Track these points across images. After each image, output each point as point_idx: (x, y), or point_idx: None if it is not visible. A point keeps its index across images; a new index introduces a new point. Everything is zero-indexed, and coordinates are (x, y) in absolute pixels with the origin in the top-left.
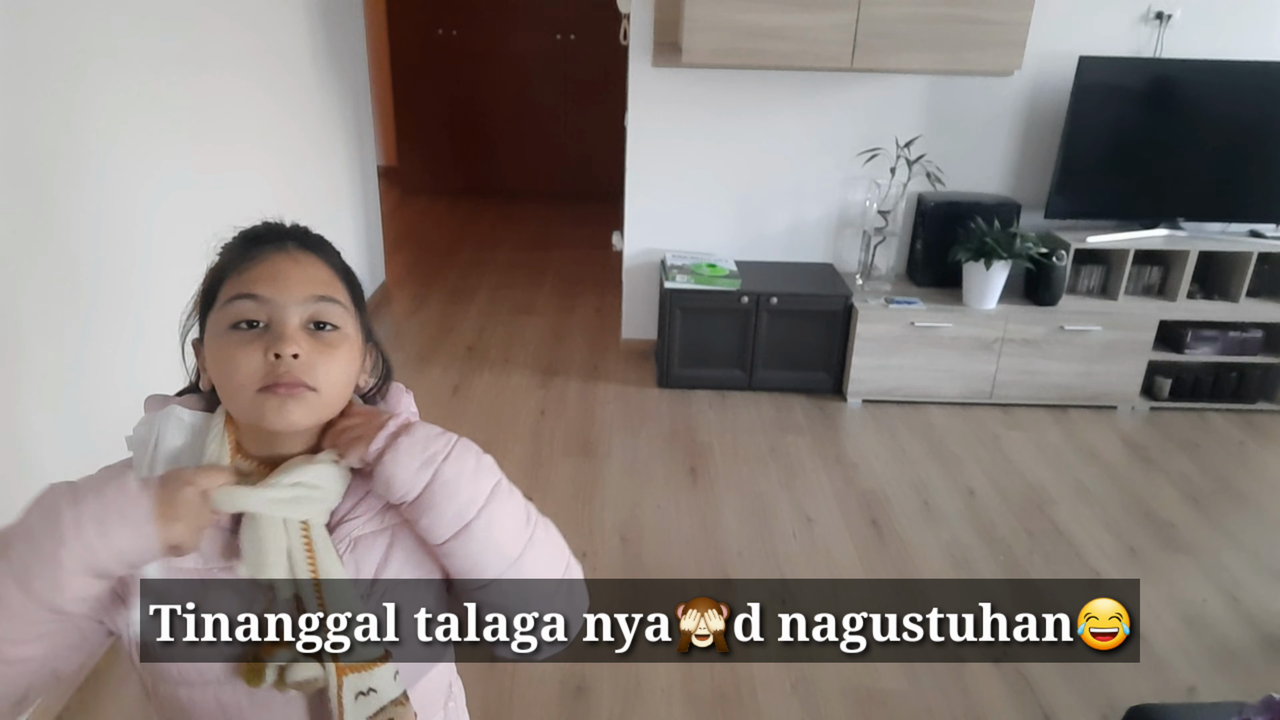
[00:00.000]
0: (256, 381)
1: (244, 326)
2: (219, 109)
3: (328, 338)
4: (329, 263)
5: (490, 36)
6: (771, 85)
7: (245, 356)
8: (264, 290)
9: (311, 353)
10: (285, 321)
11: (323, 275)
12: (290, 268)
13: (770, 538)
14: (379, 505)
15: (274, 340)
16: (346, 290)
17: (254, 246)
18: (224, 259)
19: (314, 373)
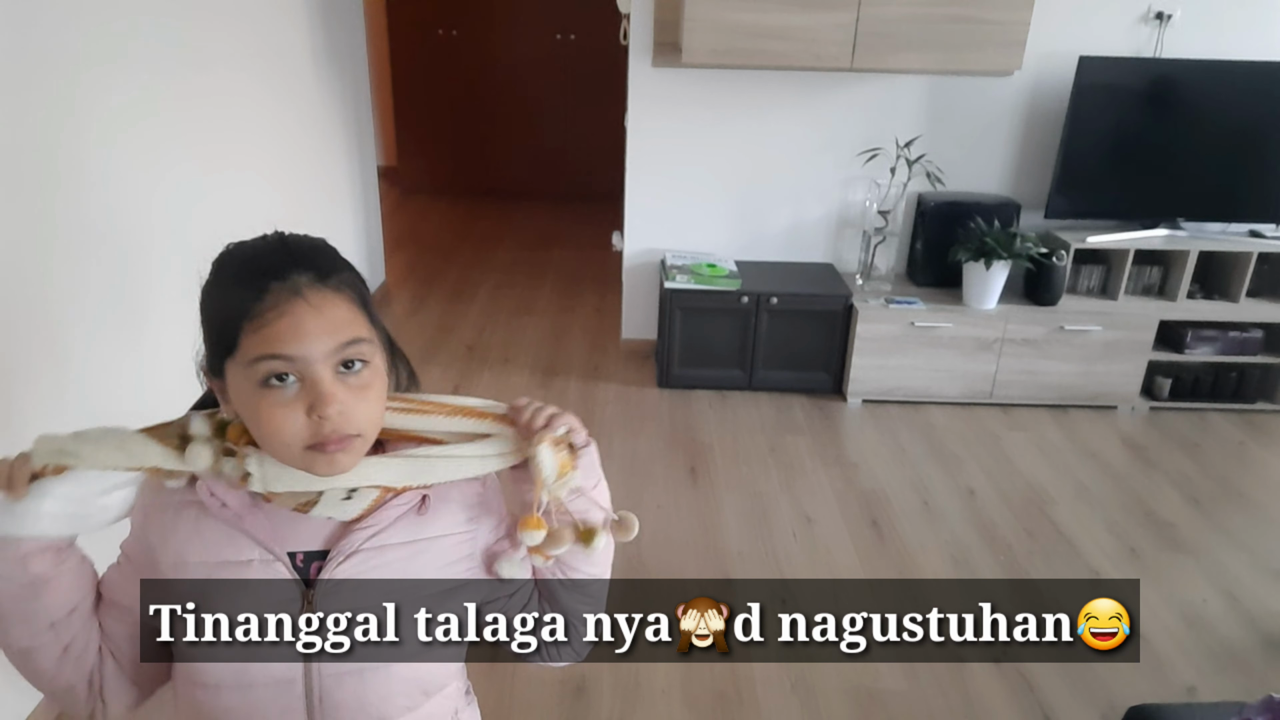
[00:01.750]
0: (302, 441)
1: (275, 382)
2: (218, 109)
3: (360, 378)
4: (344, 294)
5: (490, 36)
6: (771, 85)
7: (286, 419)
8: (290, 349)
9: (349, 401)
10: (320, 379)
11: (343, 314)
12: (312, 319)
13: (770, 538)
14: (410, 505)
15: (313, 400)
16: (364, 313)
17: (262, 285)
18: (233, 300)
19: (355, 420)
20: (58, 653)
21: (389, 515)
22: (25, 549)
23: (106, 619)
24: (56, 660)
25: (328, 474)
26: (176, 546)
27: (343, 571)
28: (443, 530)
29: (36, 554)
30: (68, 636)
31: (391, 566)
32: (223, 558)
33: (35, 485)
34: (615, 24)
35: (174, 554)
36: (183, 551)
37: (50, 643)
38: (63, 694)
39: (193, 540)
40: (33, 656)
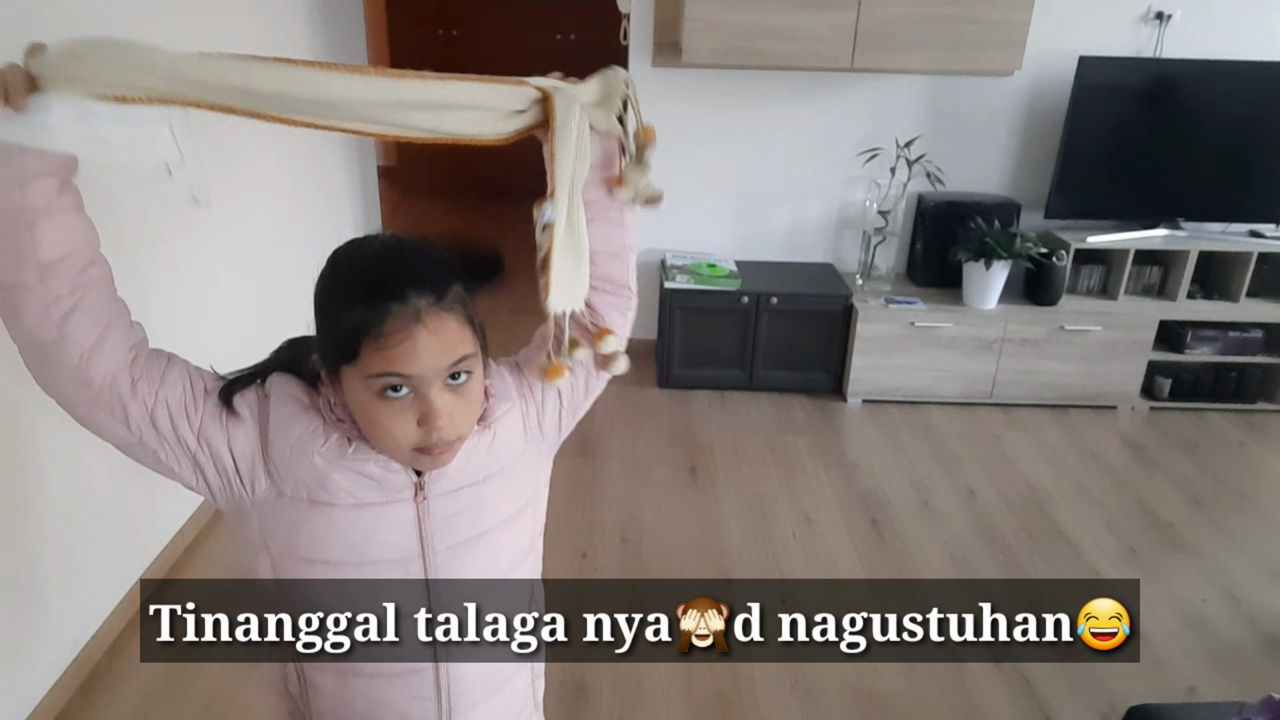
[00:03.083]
0: (411, 444)
1: (390, 394)
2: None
3: (466, 389)
4: (455, 312)
5: (490, 36)
6: (771, 85)
7: (399, 425)
8: (409, 369)
9: (455, 411)
10: (431, 396)
11: (454, 334)
12: (428, 342)
13: (770, 538)
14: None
15: (424, 413)
16: (470, 327)
17: (385, 306)
18: (356, 316)
19: (459, 426)
20: (41, 305)
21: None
22: (26, 168)
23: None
24: (39, 313)
25: (430, 469)
26: (299, 435)
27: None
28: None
29: (37, 178)
30: (55, 289)
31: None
32: (344, 452)
33: (41, 99)
34: (615, 24)
35: (295, 441)
36: (305, 443)
37: (35, 288)
38: (35, 350)
39: (314, 438)
40: (15, 296)
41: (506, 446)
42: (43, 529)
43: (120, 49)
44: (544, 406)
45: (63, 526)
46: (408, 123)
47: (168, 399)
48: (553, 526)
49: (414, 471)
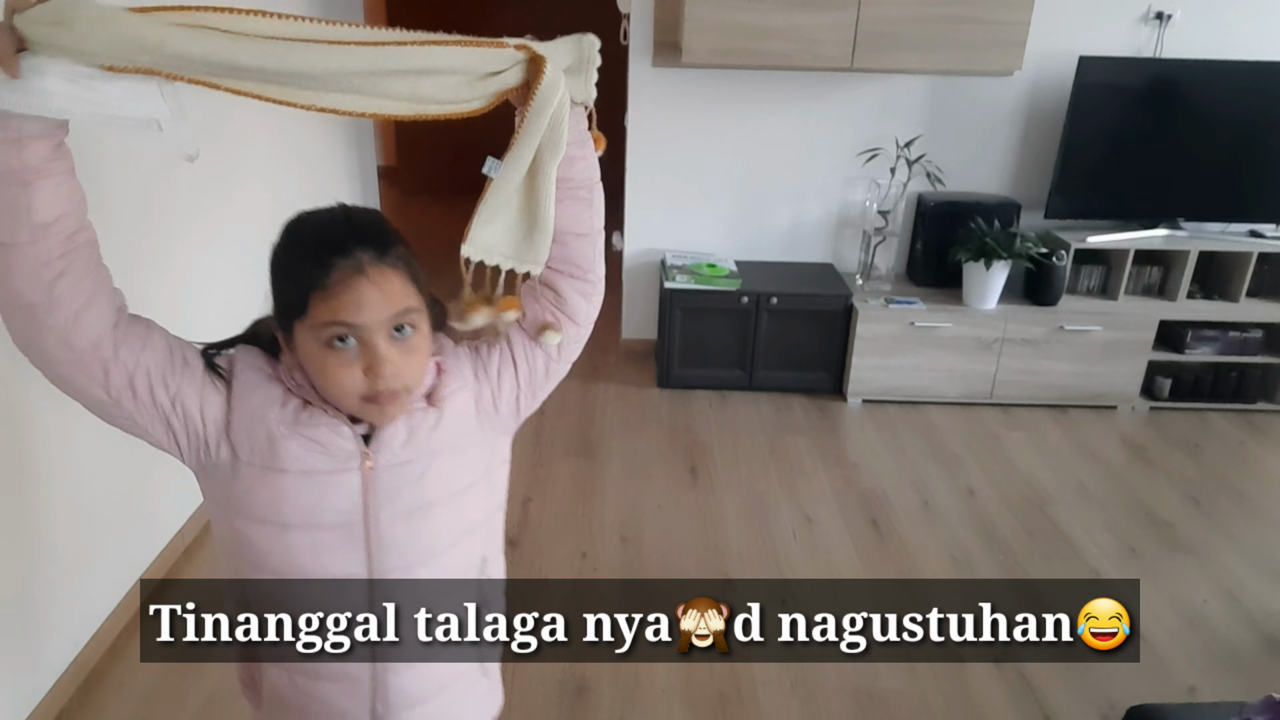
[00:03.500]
0: (358, 392)
1: (338, 344)
2: (218, 109)
3: (410, 342)
4: (399, 268)
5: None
6: (771, 85)
7: (346, 375)
8: (352, 318)
9: (400, 362)
10: (376, 344)
11: (398, 287)
12: (371, 293)
13: (770, 538)
14: (426, 385)
15: (370, 362)
16: (414, 284)
17: (330, 260)
18: (304, 271)
19: (404, 377)
20: (32, 266)
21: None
22: (25, 130)
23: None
24: (30, 274)
25: (379, 423)
26: (259, 404)
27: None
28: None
29: (33, 139)
30: (47, 251)
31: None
32: (300, 426)
33: (31, 61)
34: (615, 24)
35: (254, 407)
36: (263, 410)
37: (27, 248)
38: (21, 310)
39: (272, 405)
40: (8, 255)
41: (455, 425)
42: (43, 529)
43: (109, 21)
44: (499, 388)
45: (63, 527)
46: (388, 90)
47: (149, 364)
48: (553, 526)
49: (361, 440)
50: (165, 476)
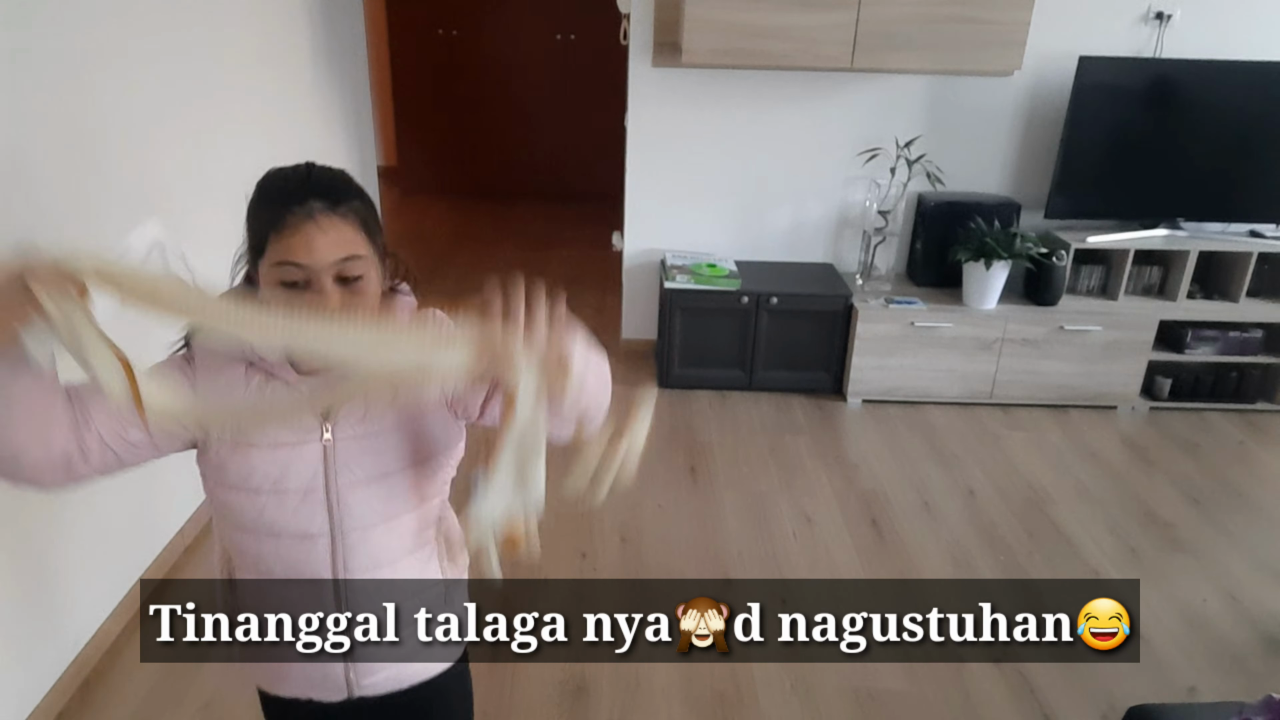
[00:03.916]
0: None
1: (289, 286)
2: (218, 109)
3: (355, 286)
4: (349, 219)
5: (490, 36)
6: (771, 85)
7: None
8: (300, 258)
9: (344, 302)
10: (320, 283)
11: (346, 235)
12: (318, 237)
13: (770, 538)
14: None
15: (314, 298)
16: (364, 235)
17: (286, 207)
18: (265, 215)
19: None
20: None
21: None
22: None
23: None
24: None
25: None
26: (223, 386)
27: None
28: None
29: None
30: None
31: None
32: (264, 399)
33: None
34: (615, 24)
35: (220, 390)
36: (229, 392)
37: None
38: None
39: (237, 386)
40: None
41: (414, 401)
42: (43, 530)
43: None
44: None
45: (63, 527)
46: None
47: (104, 429)
48: (552, 526)
49: (322, 417)
50: (165, 477)
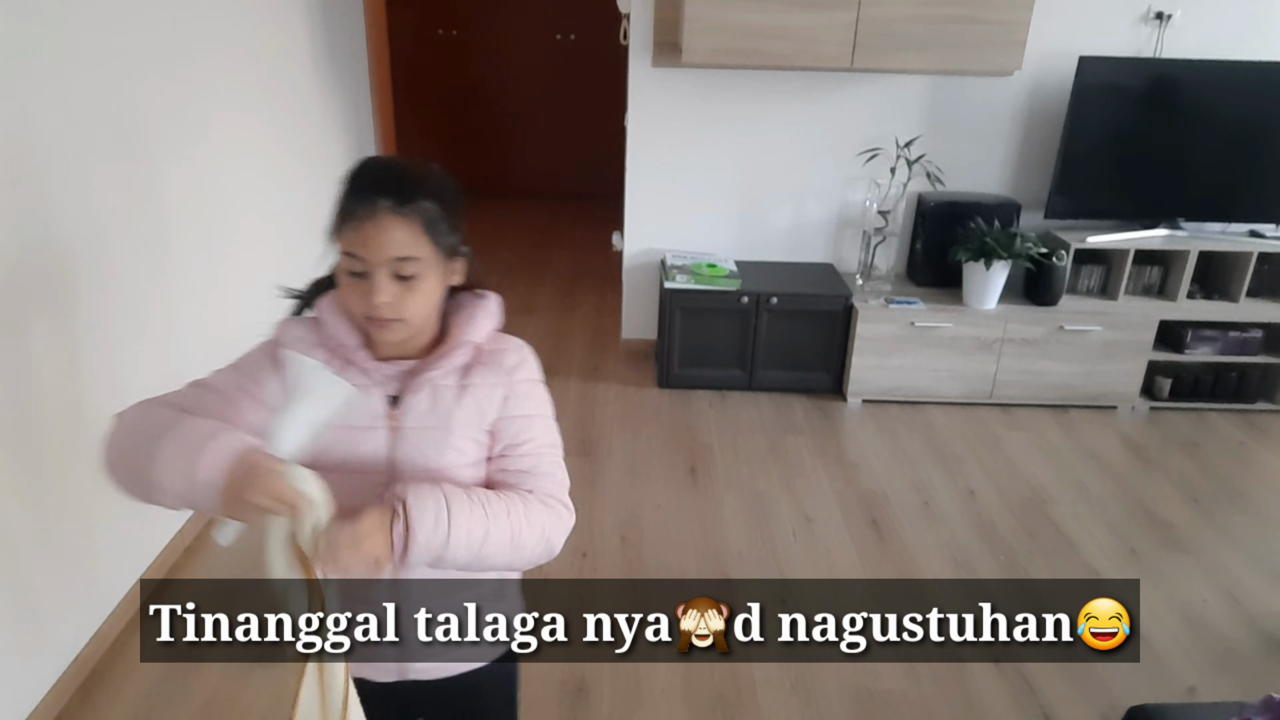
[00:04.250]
0: (361, 311)
1: (354, 275)
2: (218, 109)
3: (412, 285)
4: (412, 219)
5: (490, 36)
6: (771, 85)
7: (354, 296)
8: (360, 251)
9: (397, 296)
10: (375, 277)
11: (405, 236)
12: (377, 235)
13: (770, 538)
14: (456, 364)
15: (369, 290)
16: (427, 236)
17: (357, 202)
18: (342, 204)
19: (400, 309)
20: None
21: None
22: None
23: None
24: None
25: (379, 340)
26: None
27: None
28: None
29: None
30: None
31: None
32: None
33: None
34: (615, 24)
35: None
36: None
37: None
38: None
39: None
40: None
41: (475, 408)
42: (43, 530)
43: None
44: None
45: (63, 527)
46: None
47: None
48: None
49: (390, 402)
50: None
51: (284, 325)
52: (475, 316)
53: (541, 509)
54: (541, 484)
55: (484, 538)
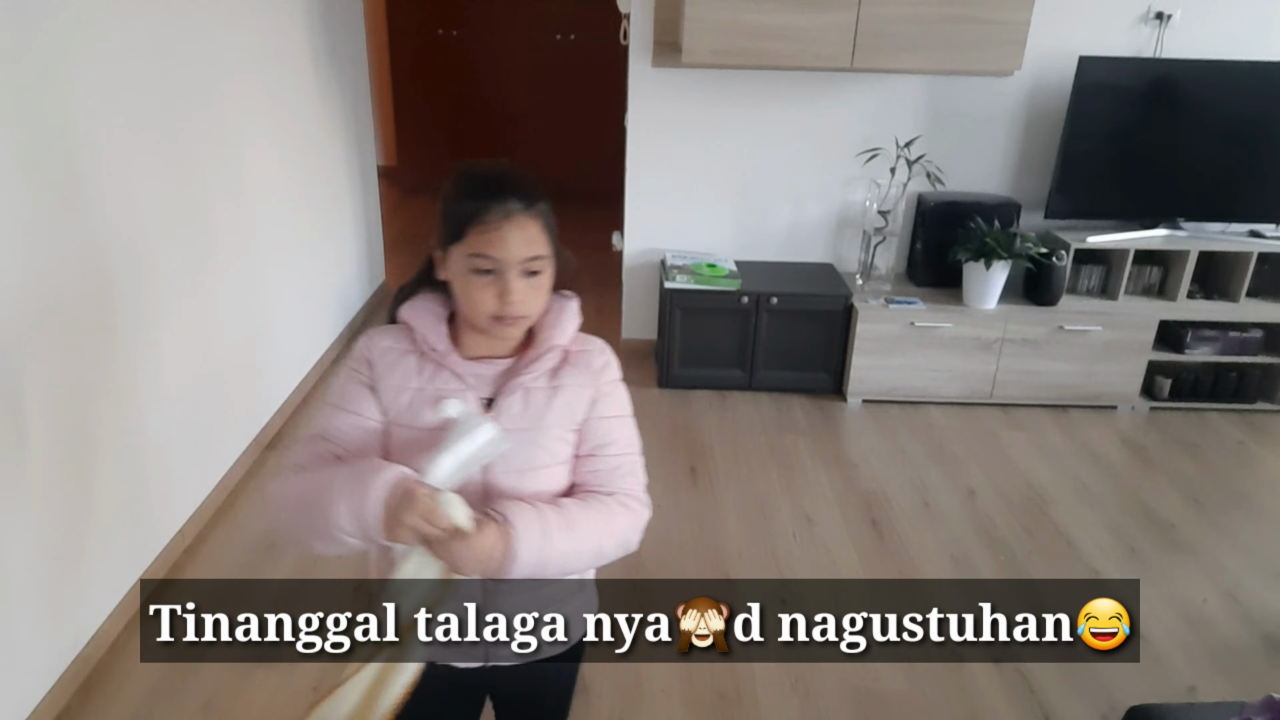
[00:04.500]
0: (490, 312)
1: (480, 274)
2: (218, 110)
3: (535, 281)
4: (538, 220)
5: (490, 36)
6: (772, 85)
7: (483, 295)
8: (495, 252)
9: (525, 292)
10: (509, 276)
11: (535, 235)
12: (514, 234)
13: (770, 538)
14: (548, 366)
15: (503, 290)
16: (548, 235)
17: (490, 201)
18: (467, 206)
19: (526, 306)
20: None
21: (532, 373)
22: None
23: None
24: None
25: (501, 337)
26: (400, 377)
27: (506, 402)
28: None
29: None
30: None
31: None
32: (435, 385)
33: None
34: (615, 24)
35: (397, 382)
36: (405, 381)
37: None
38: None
39: (410, 377)
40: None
41: (565, 409)
42: (43, 530)
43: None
44: (587, 429)
45: (63, 527)
46: None
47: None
48: None
49: (484, 405)
50: (165, 477)
51: (372, 340)
52: (562, 318)
53: (622, 512)
54: (624, 484)
55: (574, 552)
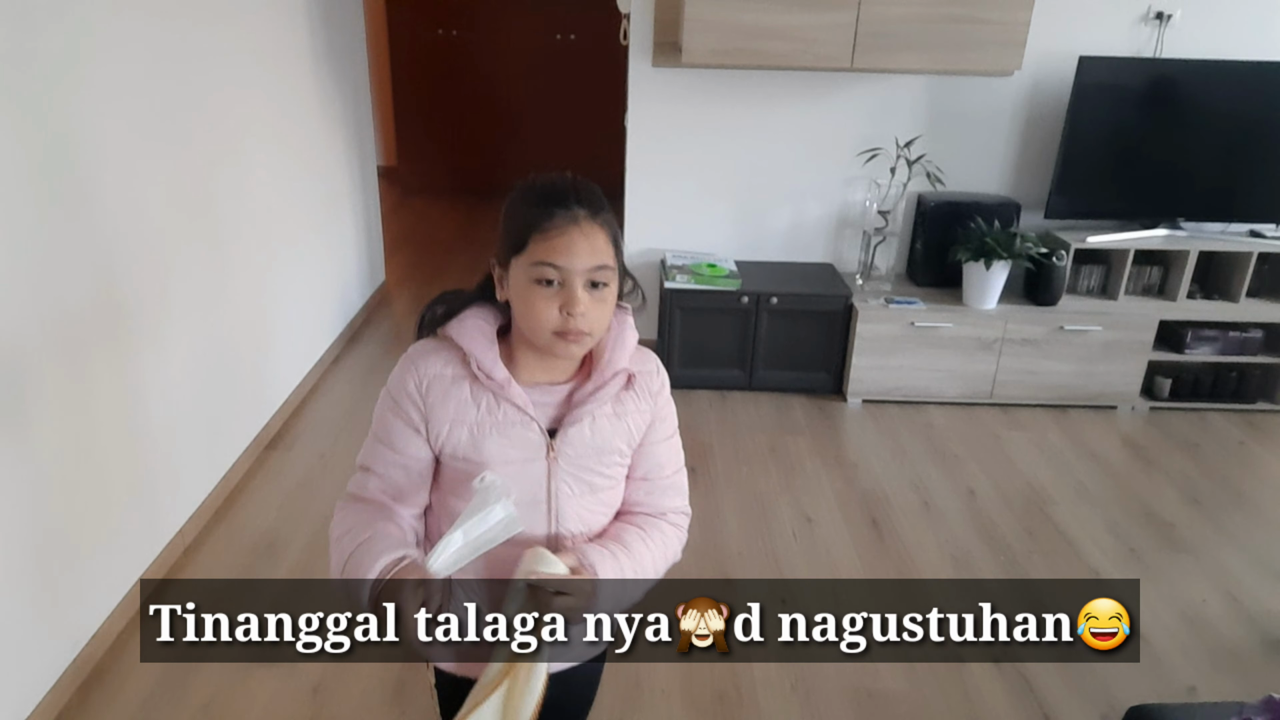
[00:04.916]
0: (553, 327)
1: (544, 284)
2: (219, 110)
3: (601, 293)
4: (604, 229)
5: (490, 36)
6: (771, 85)
7: (546, 309)
8: (561, 261)
9: (591, 307)
10: (575, 287)
11: (602, 244)
12: (581, 242)
13: (770, 538)
14: (613, 393)
15: (567, 301)
16: (614, 247)
17: (554, 208)
18: (530, 215)
19: (591, 322)
20: None
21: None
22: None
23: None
24: None
25: (563, 355)
26: (454, 409)
27: (572, 431)
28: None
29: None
30: None
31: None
32: (495, 418)
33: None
34: (615, 24)
35: (451, 413)
36: (460, 414)
37: None
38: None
39: (466, 409)
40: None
41: (625, 433)
42: (43, 529)
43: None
44: (643, 451)
45: (63, 527)
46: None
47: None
48: None
49: (547, 435)
50: (165, 477)
51: (417, 365)
52: (624, 336)
53: (673, 532)
54: (674, 502)
55: (639, 588)
